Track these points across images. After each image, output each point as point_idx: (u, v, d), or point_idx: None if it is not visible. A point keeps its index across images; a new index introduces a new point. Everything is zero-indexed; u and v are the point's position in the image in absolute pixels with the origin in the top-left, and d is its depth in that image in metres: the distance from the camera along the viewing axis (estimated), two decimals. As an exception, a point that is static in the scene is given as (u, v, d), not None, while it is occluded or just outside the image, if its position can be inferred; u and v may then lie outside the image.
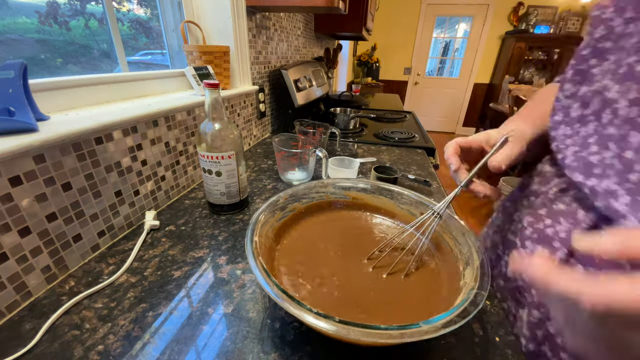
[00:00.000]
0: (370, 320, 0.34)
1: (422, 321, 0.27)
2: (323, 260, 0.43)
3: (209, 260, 0.48)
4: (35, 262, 0.40)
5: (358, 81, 3.82)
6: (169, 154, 0.64)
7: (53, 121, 0.45)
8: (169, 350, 0.34)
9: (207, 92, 0.51)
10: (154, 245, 0.51)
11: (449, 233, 0.44)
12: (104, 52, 0.69)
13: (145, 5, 0.81)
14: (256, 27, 1.02)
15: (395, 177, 0.70)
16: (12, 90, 0.39)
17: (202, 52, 0.80)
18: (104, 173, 0.49)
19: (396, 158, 0.98)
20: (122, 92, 0.65)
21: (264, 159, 0.92)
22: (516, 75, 3.80)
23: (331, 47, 2.21)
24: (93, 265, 0.46)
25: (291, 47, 1.42)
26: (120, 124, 0.50)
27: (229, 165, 0.56)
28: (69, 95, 0.55)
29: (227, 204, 0.60)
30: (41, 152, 0.39)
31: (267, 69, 1.15)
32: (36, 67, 0.56)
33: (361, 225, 0.52)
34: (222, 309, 0.39)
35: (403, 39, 4.20)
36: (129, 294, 0.41)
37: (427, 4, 3.94)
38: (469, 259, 0.37)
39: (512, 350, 0.35)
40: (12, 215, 0.37)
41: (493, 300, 0.42)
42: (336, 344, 0.35)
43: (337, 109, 1.38)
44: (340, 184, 0.55)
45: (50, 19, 0.59)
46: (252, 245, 0.36)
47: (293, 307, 0.28)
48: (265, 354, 0.34)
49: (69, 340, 0.34)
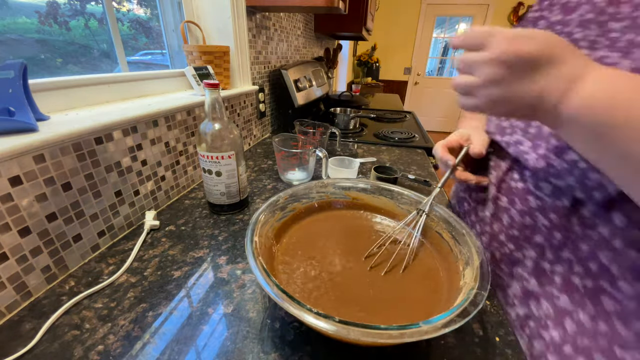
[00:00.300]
0: (370, 320, 0.34)
1: (422, 321, 0.27)
2: (323, 260, 0.43)
3: (209, 260, 0.48)
4: (35, 262, 0.40)
5: (358, 81, 3.82)
6: (169, 154, 0.64)
7: (53, 121, 0.45)
8: (169, 350, 0.34)
9: (207, 92, 0.51)
10: (154, 245, 0.51)
11: (449, 233, 0.44)
12: (104, 52, 0.69)
13: (145, 5, 0.81)
14: (256, 27, 1.02)
15: (395, 177, 0.70)
16: (12, 90, 0.39)
17: (202, 52, 0.80)
18: (104, 173, 0.49)
19: (396, 158, 0.98)
20: (122, 92, 0.65)
21: (264, 159, 0.92)
22: (516, 75, 3.80)
23: (331, 47, 2.21)
24: (93, 265, 0.46)
25: (291, 47, 1.42)
26: (120, 124, 0.50)
27: (229, 165, 0.56)
28: (69, 95, 0.55)
29: (227, 204, 0.60)
30: (41, 152, 0.39)
31: (267, 69, 1.15)
32: (36, 67, 0.56)
33: (361, 225, 0.52)
34: (222, 309, 0.39)
35: (403, 39, 4.20)
36: (129, 294, 0.41)
37: (427, 4, 3.94)
38: (469, 259, 0.38)
39: (512, 350, 0.35)
40: (12, 215, 0.37)
41: (493, 300, 0.42)
42: (336, 344, 0.35)
43: (337, 109, 1.38)
44: (340, 184, 0.55)
45: (50, 19, 0.59)
46: (252, 245, 0.36)
47: (293, 307, 0.28)
48: (265, 354, 0.34)
49: (69, 340, 0.34)
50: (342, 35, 2.07)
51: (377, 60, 3.92)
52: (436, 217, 0.47)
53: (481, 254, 0.37)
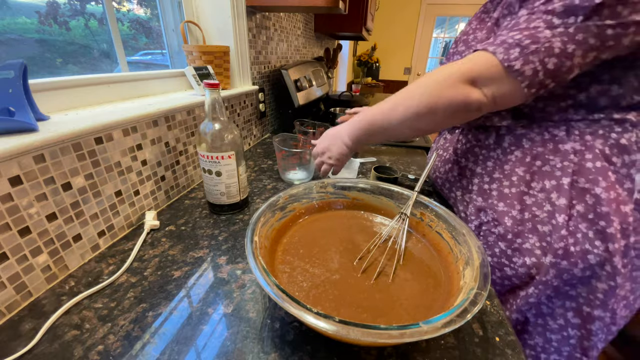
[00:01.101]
0: (370, 319, 0.34)
1: (422, 321, 0.27)
2: (323, 260, 0.43)
3: (209, 260, 0.48)
4: (35, 262, 0.40)
5: (358, 81, 3.82)
6: (169, 154, 0.64)
7: (53, 121, 0.45)
8: (169, 350, 0.34)
9: (207, 92, 0.51)
10: (154, 245, 0.51)
11: (449, 233, 0.44)
12: (104, 52, 0.69)
13: (145, 5, 0.81)
14: (256, 27, 1.02)
15: (395, 177, 0.70)
16: (12, 90, 0.39)
17: (202, 52, 0.80)
18: (104, 173, 0.49)
19: (396, 158, 0.98)
20: (122, 92, 0.65)
21: (264, 159, 0.92)
22: (516, 75, 3.80)
23: (331, 47, 2.21)
24: (93, 265, 0.46)
25: (291, 47, 1.42)
26: (120, 124, 0.50)
27: (229, 165, 0.56)
28: (69, 95, 0.55)
29: (227, 204, 0.60)
30: (41, 152, 0.39)
31: (267, 69, 1.15)
32: (36, 67, 0.56)
33: (361, 225, 0.52)
34: (222, 309, 0.39)
35: (403, 39, 4.20)
36: (129, 294, 0.41)
37: (427, 4, 3.94)
38: (469, 259, 0.38)
39: (512, 350, 0.35)
40: (12, 215, 0.37)
41: (493, 300, 0.42)
42: (336, 343, 0.35)
43: (337, 109, 1.38)
44: (340, 184, 0.55)
45: (50, 19, 0.58)
46: (252, 245, 0.36)
47: (293, 307, 0.28)
48: (265, 354, 0.34)
49: (69, 340, 0.34)
50: (342, 35, 2.07)
51: (377, 60, 3.92)
52: (436, 217, 0.47)
53: (481, 254, 0.37)
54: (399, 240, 0.46)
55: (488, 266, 0.35)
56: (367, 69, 3.91)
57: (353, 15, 1.59)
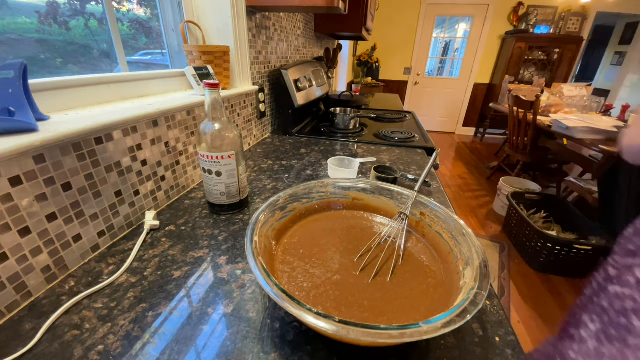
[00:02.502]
0: (372, 319, 0.34)
1: (422, 321, 0.27)
2: (323, 260, 0.43)
3: (209, 260, 0.48)
4: (35, 262, 0.40)
5: (358, 81, 3.82)
6: (169, 154, 0.64)
7: (53, 121, 0.45)
8: (169, 350, 0.34)
9: (207, 92, 0.51)
10: (154, 245, 0.51)
11: (449, 233, 0.44)
12: (104, 52, 0.69)
13: (145, 5, 0.81)
14: (256, 27, 1.02)
15: (395, 177, 0.70)
16: (12, 90, 0.39)
17: (202, 52, 0.80)
18: (104, 173, 0.49)
19: (396, 158, 0.98)
20: (122, 92, 0.65)
21: (264, 159, 0.92)
22: (516, 75, 3.80)
23: (331, 47, 2.21)
24: (93, 265, 0.46)
25: (291, 47, 1.42)
26: (120, 124, 0.50)
27: (229, 165, 0.56)
28: (69, 95, 0.55)
29: (227, 204, 0.60)
30: (41, 152, 0.39)
31: (267, 69, 1.15)
32: (36, 67, 0.56)
33: (361, 225, 0.52)
34: (222, 309, 0.39)
35: (403, 39, 4.20)
36: (129, 294, 0.41)
37: (427, 4, 3.94)
38: (469, 259, 0.38)
39: (512, 350, 0.35)
40: (12, 215, 0.37)
41: (493, 300, 0.42)
42: (336, 343, 0.35)
43: (337, 109, 1.38)
44: (340, 184, 0.55)
45: (50, 19, 0.58)
46: (252, 245, 0.36)
47: (293, 307, 0.28)
48: (265, 354, 0.34)
49: (69, 340, 0.34)
50: (342, 35, 2.07)
51: (377, 60, 3.93)
52: (436, 217, 0.47)
53: (481, 254, 0.37)
54: (398, 240, 0.46)
55: (488, 266, 0.35)
56: (367, 69, 3.92)
57: (353, 15, 1.59)
